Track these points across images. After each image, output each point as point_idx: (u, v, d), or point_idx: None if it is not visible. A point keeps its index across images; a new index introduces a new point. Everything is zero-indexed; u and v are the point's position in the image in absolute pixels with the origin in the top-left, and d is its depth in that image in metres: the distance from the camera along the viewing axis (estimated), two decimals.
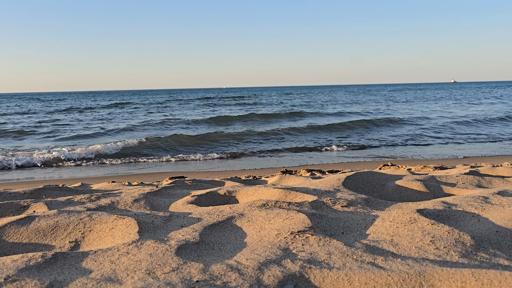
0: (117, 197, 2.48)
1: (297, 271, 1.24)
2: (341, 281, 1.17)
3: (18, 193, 2.70)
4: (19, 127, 16.22)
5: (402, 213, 1.81)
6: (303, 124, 15.41)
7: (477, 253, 1.39)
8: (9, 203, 2.28)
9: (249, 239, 1.59)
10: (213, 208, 2.07)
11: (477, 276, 1.12)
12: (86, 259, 1.37)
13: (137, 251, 1.43)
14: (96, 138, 13.19)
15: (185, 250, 1.44)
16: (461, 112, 19.92)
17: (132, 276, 1.23)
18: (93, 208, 2.19)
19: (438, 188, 2.62)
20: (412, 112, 20.22)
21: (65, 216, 1.89)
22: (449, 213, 1.88)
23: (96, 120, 19.92)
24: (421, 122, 15.50)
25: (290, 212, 1.84)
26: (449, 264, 1.30)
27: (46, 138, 13.47)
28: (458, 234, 1.52)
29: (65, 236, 1.73)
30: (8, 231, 1.75)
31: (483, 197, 2.16)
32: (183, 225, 1.79)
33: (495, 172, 3.32)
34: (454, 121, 15.28)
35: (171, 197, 2.60)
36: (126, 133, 14.23)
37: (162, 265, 1.30)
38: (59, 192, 2.84)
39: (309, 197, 2.25)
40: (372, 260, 1.32)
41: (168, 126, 16.12)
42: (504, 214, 1.81)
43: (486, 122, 15.02)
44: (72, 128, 16.17)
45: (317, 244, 1.47)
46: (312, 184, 2.80)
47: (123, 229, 1.72)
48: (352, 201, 2.18)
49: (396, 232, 1.60)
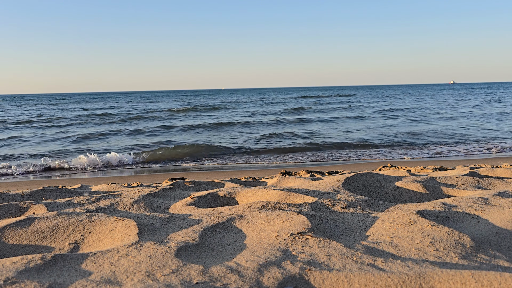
0: (116, 198, 2.48)
1: (296, 272, 1.24)
2: (341, 283, 1.17)
3: (17, 194, 2.70)
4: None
5: (402, 215, 1.81)
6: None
7: (477, 255, 1.39)
8: (9, 205, 2.28)
9: (249, 241, 1.59)
10: (213, 209, 2.07)
11: (477, 278, 1.12)
12: (85, 261, 1.37)
13: (137, 253, 1.43)
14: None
15: (184, 252, 1.44)
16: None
17: (131, 278, 1.22)
18: (93, 210, 2.19)
19: (438, 189, 2.62)
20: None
21: (65, 217, 1.89)
22: (448, 214, 1.88)
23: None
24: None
25: (290, 214, 1.84)
26: (449, 265, 1.30)
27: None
28: (458, 236, 1.52)
29: (65, 238, 1.73)
30: (7, 233, 1.74)
31: (483, 198, 2.16)
32: (183, 226, 1.79)
33: (495, 173, 3.32)
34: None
35: (170, 198, 2.60)
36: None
37: (162, 267, 1.30)
38: (58, 194, 2.84)
39: (309, 198, 2.25)
40: (372, 262, 1.32)
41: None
42: (503, 215, 1.81)
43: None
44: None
45: (316, 245, 1.47)
46: (312, 185, 2.80)
47: (122, 231, 1.72)
48: (351, 202, 2.17)
49: (396, 233, 1.60)
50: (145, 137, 13.77)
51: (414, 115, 19.76)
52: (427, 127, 14.50)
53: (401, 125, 15.49)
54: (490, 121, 16.33)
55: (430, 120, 17.31)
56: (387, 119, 18.23)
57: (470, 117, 18.41)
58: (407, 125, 15.48)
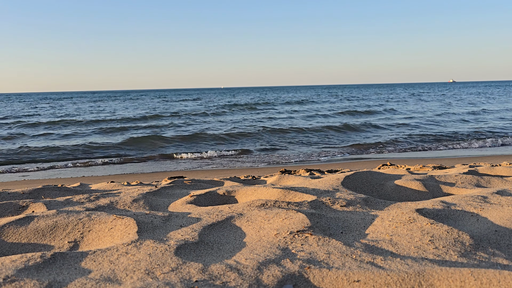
0: (116, 197, 2.48)
1: (296, 271, 1.24)
2: (340, 281, 1.17)
3: (17, 193, 2.70)
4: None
5: (401, 213, 1.81)
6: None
7: (476, 253, 1.39)
8: (8, 203, 2.27)
9: (248, 239, 1.59)
10: (212, 208, 2.07)
11: (476, 276, 1.12)
12: (85, 259, 1.37)
13: (136, 251, 1.43)
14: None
15: (184, 250, 1.44)
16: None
17: (131, 276, 1.22)
18: (92, 208, 2.19)
19: (437, 187, 2.62)
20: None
21: (64, 216, 1.89)
22: (448, 212, 1.88)
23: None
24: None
25: (289, 212, 1.84)
26: (448, 263, 1.30)
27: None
28: (457, 234, 1.53)
29: (64, 236, 1.73)
30: (7, 231, 1.74)
31: (482, 197, 2.16)
32: (182, 225, 1.79)
33: (494, 171, 3.33)
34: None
35: (170, 197, 2.60)
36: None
37: (161, 265, 1.30)
38: (58, 192, 2.84)
39: (308, 196, 2.25)
40: (371, 260, 1.32)
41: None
42: (503, 214, 1.81)
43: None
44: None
45: (316, 243, 1.47)
46: (311, 183, 2.80)
47: (122, 229, 1.72)
48: (351, 200, 2.18)
49: (395, 231, 1.60)
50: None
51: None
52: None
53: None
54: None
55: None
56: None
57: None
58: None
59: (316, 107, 26.60)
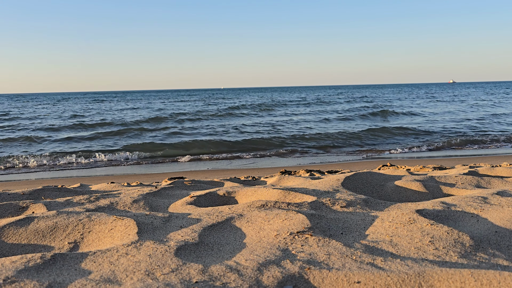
0: (116, 198, 2.48)
1: (296, 271, 1.24)
2: (340, 282, 1.17)
3: (17, 194, 2.70)
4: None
5: (401, 214, 1.81)
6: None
7: (476, 254, 1.39)
8: (8, 204, 2.27)
9: (248, 240, 1.59)
10: (212, 208, 2.07)
11: (476, 277, 1.12)
12: (85, 260, 1.37)
13: (136, 252, 1.43)
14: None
15: (184, 251, 1.44)
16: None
17: (131, 277, 1.22)
18: (92, 209, 2.19)
19: (437, 188, 2.62)
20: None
21: (64, 217, 1.89)
22: (448, 213, 1.88)
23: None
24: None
25: (289, 213, 1.84)
26: (448, 264, 1.30)
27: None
28: (457, 235, 1.53)
29: (64, 237, 1.73)
30: (7, 232, 1.74)
31: (482, 198, 2.16)
32: (182, 226, 1.79)
33: (494, 172, 3.33)
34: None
35: (170, 197, 2.60)
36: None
37: (161, 266, 1.30)
38: (58, 193, 2.84)
39: (308, 197, 2.25)
40: (371, 261, 1.32)
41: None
42: (503, 214, 1.81)
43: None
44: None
45: (316, 244, 1.47)
46: (311, 184, 2.80)
47: (122, 230, 1.72)
48: (351, 201, 2.18)
49: (395, 232, 1.60)
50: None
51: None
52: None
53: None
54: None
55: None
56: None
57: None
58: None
59: (341, 107, 26.06)
